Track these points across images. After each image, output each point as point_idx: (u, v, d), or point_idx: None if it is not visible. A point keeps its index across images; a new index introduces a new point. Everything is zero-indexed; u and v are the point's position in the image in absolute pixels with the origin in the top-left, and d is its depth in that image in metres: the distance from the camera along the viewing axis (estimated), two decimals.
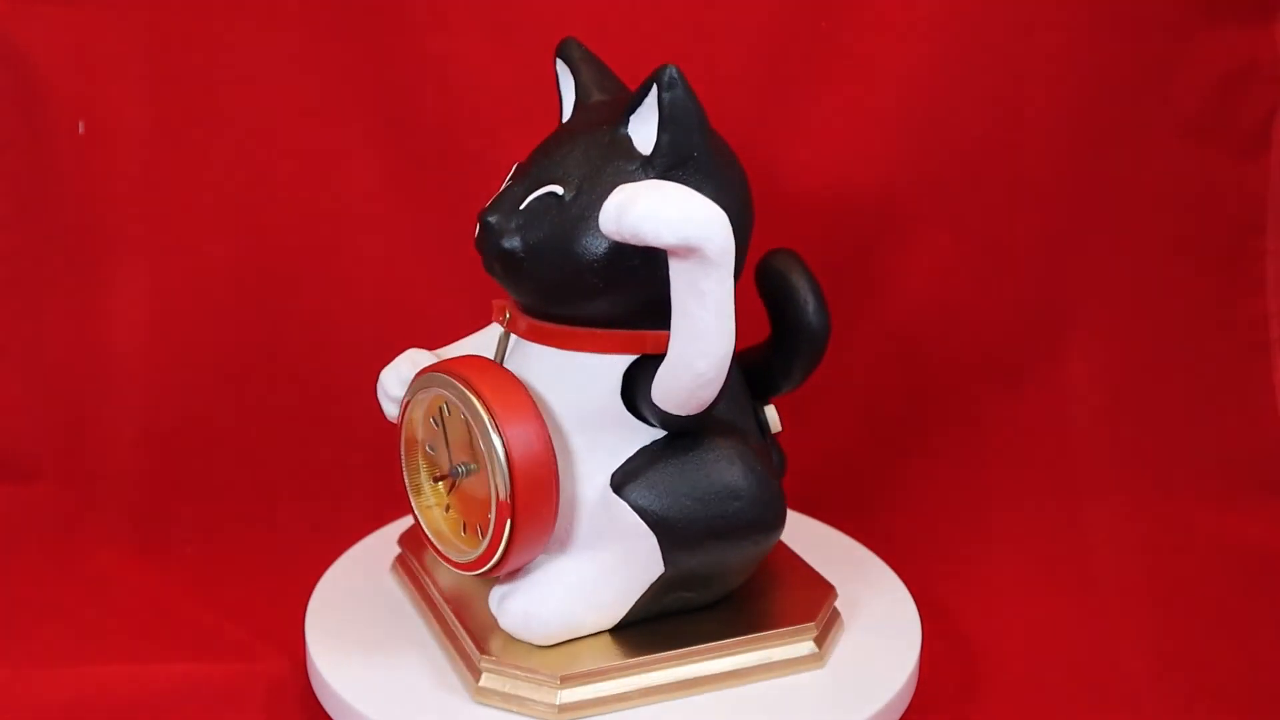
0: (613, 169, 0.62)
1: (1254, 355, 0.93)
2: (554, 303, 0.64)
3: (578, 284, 0.62)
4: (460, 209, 0.78)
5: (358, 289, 0.92)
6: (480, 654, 0.64)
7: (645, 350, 0.63)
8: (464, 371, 0.63)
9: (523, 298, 0.65)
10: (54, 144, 0.88)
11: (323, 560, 0.76)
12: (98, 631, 0.76)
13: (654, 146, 0.62)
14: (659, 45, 0.87)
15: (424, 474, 0.68)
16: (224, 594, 0.80)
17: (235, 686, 0.71)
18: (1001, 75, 0.89)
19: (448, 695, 0.65)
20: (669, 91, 0.60)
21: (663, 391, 0.62)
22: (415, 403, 0.67)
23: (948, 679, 0.74)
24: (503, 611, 0.65)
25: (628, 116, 0.62)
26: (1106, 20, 0.89)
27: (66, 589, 0.80)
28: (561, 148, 0.63)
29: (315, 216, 0.91)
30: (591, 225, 0.61)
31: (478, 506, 0.65)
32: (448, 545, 0.67)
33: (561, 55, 0.68)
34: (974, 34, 0.88)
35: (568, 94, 0.68)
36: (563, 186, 0.62)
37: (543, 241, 0.62)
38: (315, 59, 0.89)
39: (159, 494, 0.88)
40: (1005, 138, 0.91)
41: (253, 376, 0.91)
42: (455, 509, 0.67)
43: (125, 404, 0.90)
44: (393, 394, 0.68)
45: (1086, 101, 0.90)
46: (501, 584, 0.66)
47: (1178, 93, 0.91)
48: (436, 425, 0.67)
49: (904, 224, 0.92)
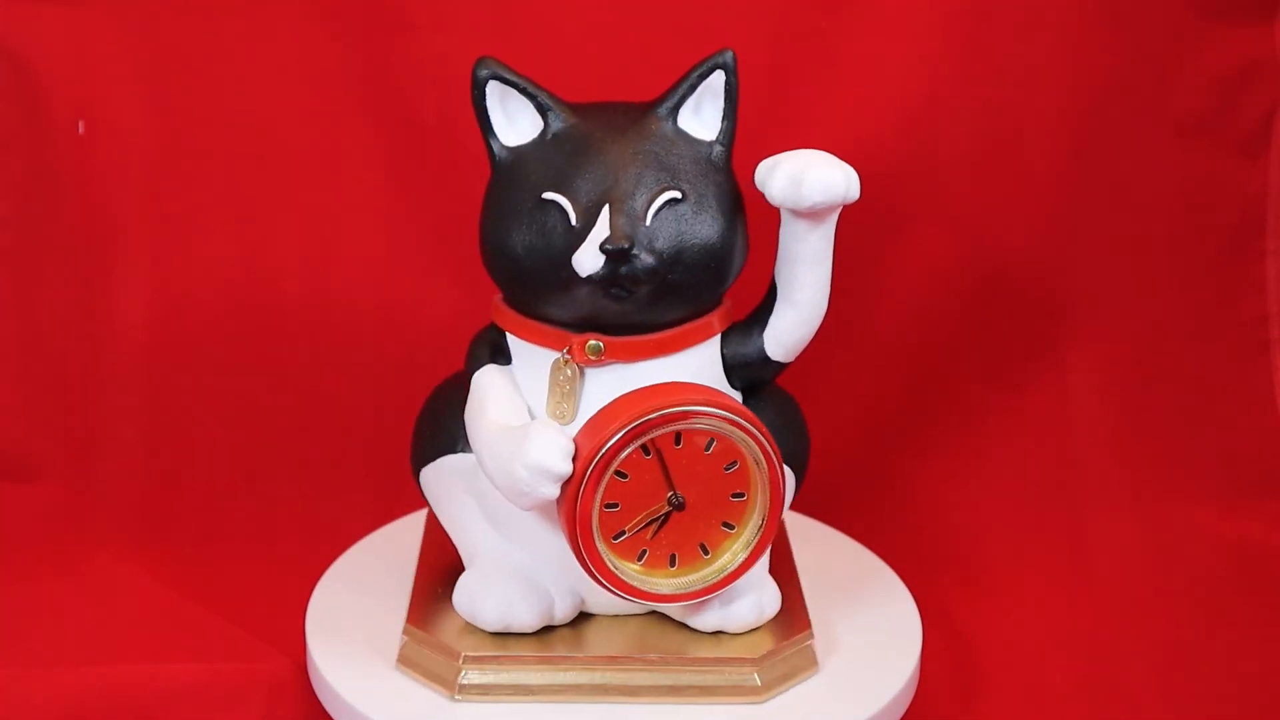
0: (692, 161, 0.63)
1: (1254, 355, 0.93)
2: (677, 308, 0.63)
3: (709, 280, 0.63)
4: (460, 209, 0.78)
5: (358, 289, 0.92)
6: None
7: (727, 324, 0.66)
8: (716, 397, 0.62)
9: (642, 315, 0.62)
10: (54, 144, 0.88)
11: (323, 560, 0.76)
12: (98, 631, 0.76)
13: (720, 130, 0.64)
14: (658, 45, 0.87)
15: (607, 537, 0.63)
16: (224, 594, 0.80)
17: (235, 686, 0.71)
18: (1001, 74, 0.89)
19: (448, 694, 0.65)
20: (735, 75, 0.63)
21: (789, 343, 0.65)
22: (605, 467, 0.61)
23: (948, 679, 0.74)
24: (729, 616, 0.66)
25: (678, 108, 0.63)
26: (1106, 20, 0.89)
27: (67, 589, 0.80)
28: (625, 156, 0.61)
29: (315, 217, 0.91)
30: (713, 219, 0.62)
31: (687, 532, 0.63)
32: (652, 585, 0.64)
33: (498, 77, 0.63)
34: (974, 34, 0.88)
35: (519, 114, 0.64)
36: (678, 191, 0.61)
37: (680, 248, 0.61)
38: (315, 59, 0.89)
39: (159, 494, 0.88)
40: (1005, 137, 0.91)
41: (253, 376, 0.91)
42: (655, 548, 0.64)
43: (125, 404, 0.90)
44: (563, 471, 0.60)
45: (1086, 101, 0.90)
46: (698, 602, 0.65)
47: (1178, 93, 0.91)
48: (626, 473, 0.62)
49: (904, 223, 0.91)
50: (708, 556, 0.64)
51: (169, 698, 0.70)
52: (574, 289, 0.61)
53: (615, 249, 0.59)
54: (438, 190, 0.91)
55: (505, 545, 0.66)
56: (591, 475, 0.60)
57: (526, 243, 0.61)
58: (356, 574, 0.74)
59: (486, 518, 0.67)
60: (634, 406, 0.61)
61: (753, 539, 0.64)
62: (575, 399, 0.63)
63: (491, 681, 0.64)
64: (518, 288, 0.64)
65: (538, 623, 0.65)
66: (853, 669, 0.67)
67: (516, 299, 0.65)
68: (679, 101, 0.63)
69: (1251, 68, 0.91)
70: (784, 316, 0.65)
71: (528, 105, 0.63)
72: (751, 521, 0.64)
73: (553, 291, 0.62)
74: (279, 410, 0.91)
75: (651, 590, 0.63)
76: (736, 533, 0.64)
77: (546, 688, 0.64)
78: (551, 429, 0.60)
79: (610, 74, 0.85)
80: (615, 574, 0.63)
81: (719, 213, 0.62)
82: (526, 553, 0.66)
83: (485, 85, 0.63)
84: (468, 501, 0.67)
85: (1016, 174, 0.91)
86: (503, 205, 0.63)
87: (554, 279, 0.61)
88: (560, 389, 0.63)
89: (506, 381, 0.64)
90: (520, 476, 0.59)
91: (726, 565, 0.64)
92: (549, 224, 0.61)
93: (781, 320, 0.65)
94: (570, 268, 0.60)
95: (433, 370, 0.72)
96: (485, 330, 0.67)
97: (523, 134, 0.64)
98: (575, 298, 0.61)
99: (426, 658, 0.66)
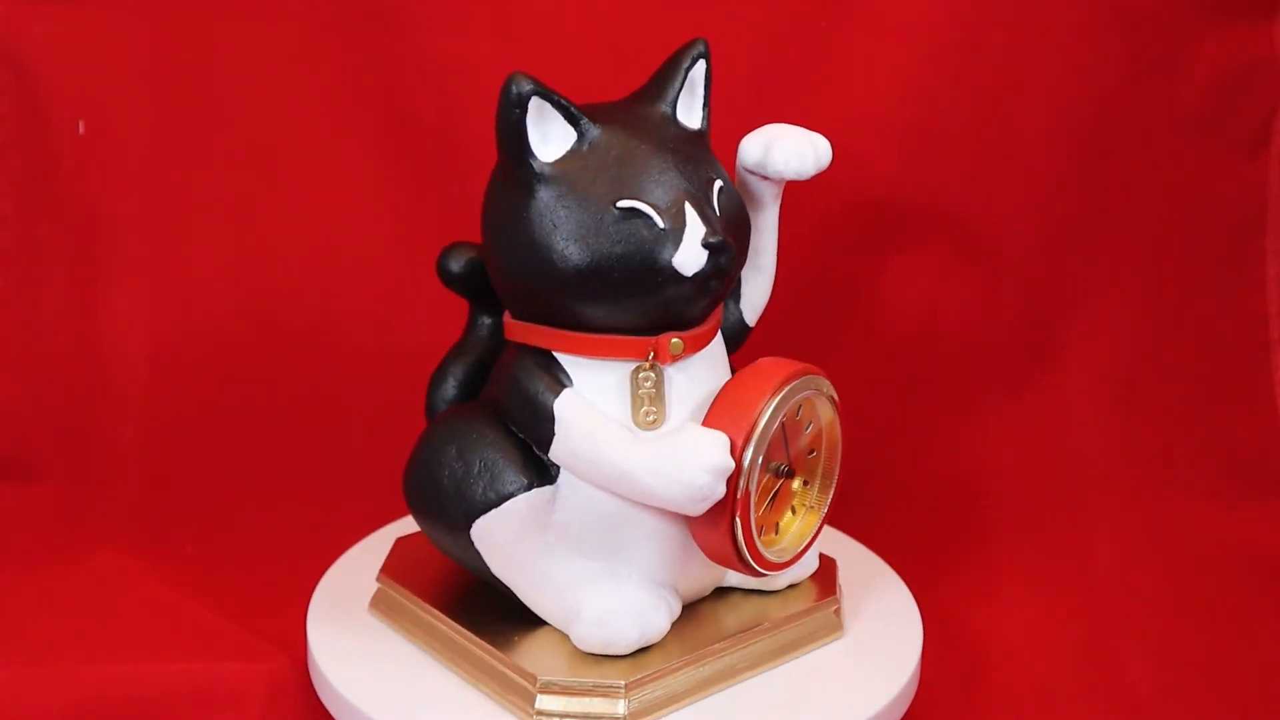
0: (703, 149, 0.64)
1: (1254, 355, 0.93)
2: (719, 298, 0.65)
3: (745, 256, 0.66)
4: (461, 212, 0.78)
5: (357, 289, 0.92)
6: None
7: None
8: (809, 367, 0.65)
9: (712, 304, 0.64)
10: (54, 144, 0.88)
11: (323, 560, 0.76)
12: (98, 631, 0.76)
13: (703, 118, 0.65)
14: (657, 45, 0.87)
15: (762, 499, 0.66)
16: (224, 594, 0.79)
17: (236, 686, 0.71)
18: (1001, 74, 0.89)
19: (448, 694, 0.65)
20: (708, 61, 0.65)
21: (760, 307, 0.70)
22: (762, 437, 0.62)
23: (948, 679, 0.74)
24: (803, 566, 0.70)
25: (675, 100, 0.64)
26: (1107, 20, 0.89)
27: (67, 588, 0.80)
28: (669, 156, 0.62)
29: (315, 216, 0.91)
30: (740, 199, 0.64)
31: (785, 497, 0.67)
32: (778, 554, 0.66)
33: (539, 93, 0.61)
34: (974, 34, 0.89)
35: (553, 127, 0.62)
36: (721, 179, 0.63)
37: (738, 230, 0.64)
38: (315, 59, 0.89)
39: (159, 494, 0.88)
40: (1005, 137, 0.91)
41: (253, 376, 0.91)
42: (767, 520, 0.66)
43: (125, 404, 0.90)
44: (730, 466, 0.61)
45: (1087, 101, 0.90)
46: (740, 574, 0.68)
47: (1178, 92, 0.91)
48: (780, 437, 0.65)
49: (904, 224, 0.91)
50: (795, 515, 0.68)
51: (169, 697, 0.70)
52: (668, 290, 0.61)
53: (718, 242, 0.60)
54: (439, 192, 0.91)
55: (604, 567, 0.65)
56: (752, 467, 0.62)
57: (616, 254, 0.60)
58: (357, 574, 0.74)
59: (570, 547, 0.64)
60: (762, 389, 0.63)
61: (829, 490, 0.68)
62: (663, 403, 0.63)
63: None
64: (594, 301, 0.61)
65: (669, 625, 0.65)
66: (853, 668, 0.67)
67: (578, 315, 0.62)
68: (676, 94, 0.64)
69: (1252, 68, 0.91)
70: (754, 284, 0.69)
71: (558, 118, 0.61)
72: (820, 473, 0.68)
73: (643, 297, 0.61)
74: (279, 410, 0.91)
75: (777, 559, 0.66)
76: (811, 486, 0.68)
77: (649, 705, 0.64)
78: (703, 430, 0.61)
79: (611, 74, 0.85)
80: (764, 556, 0.65)
81: (735, 189, 0.65)
82: (630, 565, 0.65)
83: (528, 101, 0.60)
84: (544, 538, 0.64)
85: (1017, 173, 0.91)
86: (568, 223, 0.60)
87: (649, 284, 0.60)
88: (647, 395, 0.63)
89: (591, 403, 0.63)
90: (703, 483, 0.60)
91: (811, 522, 0.68)
92: (635, 231, 0.60)
93: (752, 287, 0.69)
94: (667, 270, 0.60)
95: (426, 360, 0.72)
96: (525, 358, 0.64)
97: (556, 149, 0.62)
98: (665, 300, 0.61)
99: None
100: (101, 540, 0.85)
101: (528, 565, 0.65)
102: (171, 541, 0.85)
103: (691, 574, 0.66)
